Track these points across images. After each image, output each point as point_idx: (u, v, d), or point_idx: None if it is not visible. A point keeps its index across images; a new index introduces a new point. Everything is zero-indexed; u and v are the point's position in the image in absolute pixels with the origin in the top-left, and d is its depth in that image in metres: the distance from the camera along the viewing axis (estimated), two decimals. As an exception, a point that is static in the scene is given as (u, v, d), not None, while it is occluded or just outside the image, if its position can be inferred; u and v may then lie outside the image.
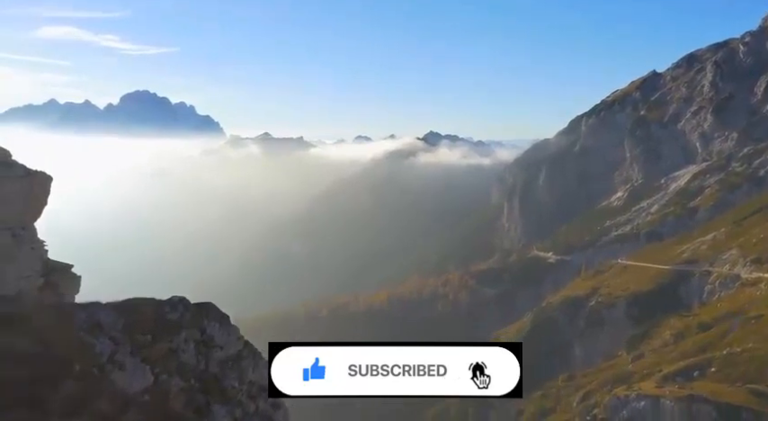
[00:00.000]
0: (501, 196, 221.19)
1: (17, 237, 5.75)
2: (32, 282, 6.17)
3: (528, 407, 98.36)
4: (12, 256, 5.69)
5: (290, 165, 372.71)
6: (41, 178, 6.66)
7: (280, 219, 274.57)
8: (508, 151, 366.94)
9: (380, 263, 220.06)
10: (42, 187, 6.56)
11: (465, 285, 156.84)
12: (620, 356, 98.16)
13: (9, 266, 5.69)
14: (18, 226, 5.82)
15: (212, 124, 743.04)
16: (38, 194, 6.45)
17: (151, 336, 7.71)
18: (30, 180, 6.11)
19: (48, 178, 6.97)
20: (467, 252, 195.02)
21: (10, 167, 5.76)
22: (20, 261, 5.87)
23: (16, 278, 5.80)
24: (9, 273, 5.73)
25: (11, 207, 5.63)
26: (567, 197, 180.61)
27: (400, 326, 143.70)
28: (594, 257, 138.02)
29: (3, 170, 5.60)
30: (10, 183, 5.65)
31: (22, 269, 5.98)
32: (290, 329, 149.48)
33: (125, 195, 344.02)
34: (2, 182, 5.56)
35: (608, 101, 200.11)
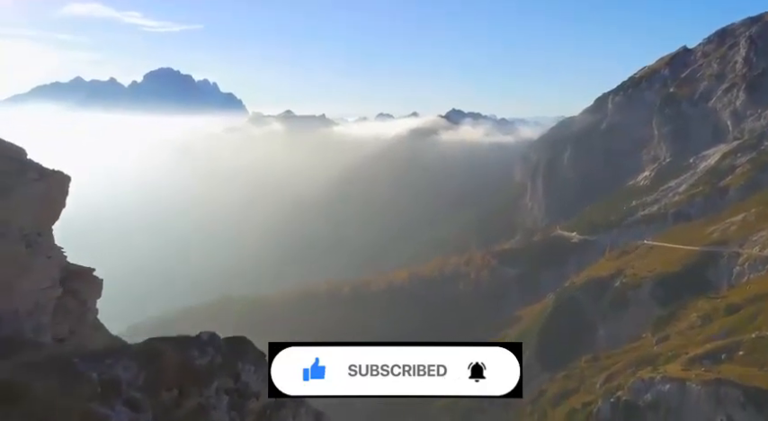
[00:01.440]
0: (524, 175, 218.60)
1: (33, 246, 5.13)
2: (50, 294, 5.58)
3: (550, 388, 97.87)
4: (27, 267, 5.08)
5: (312, 142, 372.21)
6: (58, 179, 5.91)
7: (301, 197, 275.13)
8: (532, 129, 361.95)
9: (402, 241, 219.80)
10: (60, 188, 5.84)
11: (487, 265, 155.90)
12: (645, 338, 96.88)
13: (24, 279, 5.08)
14: (34, 232, 5.19)
15: (235, 102, 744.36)
16: (55, 197, 5.74)
17: (178, 391, 6.64)
18: (46, 182, 5.42)
19: (65, 178, 6.20)
20: (489, 231, 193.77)
21: (24, 171, 5.09)
22: (36, 272, 5.26)
23: (32, 291, 5.20)
24: (24, 286, 5.14)
25: (25, 213, 5.00)
26: (593, 176, 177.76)
27: (421, 305, 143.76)
28: (620, 238, 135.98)
29: (16, 174, 4.95)
30: (24, 188, 4.99)
31: (38, 280, 5.36)
32: (311, 307, 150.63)
33: (149, 173, 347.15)
34: (15, 187, 4.92)
35: (636, 78, 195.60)
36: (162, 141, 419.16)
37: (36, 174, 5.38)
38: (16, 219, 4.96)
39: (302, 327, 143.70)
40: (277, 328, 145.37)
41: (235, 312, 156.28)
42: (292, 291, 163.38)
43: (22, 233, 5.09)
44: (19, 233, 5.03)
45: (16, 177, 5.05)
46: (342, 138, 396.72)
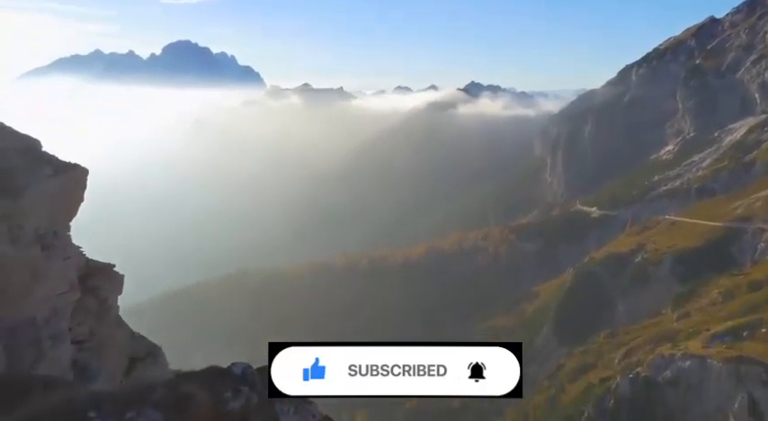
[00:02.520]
0: (544, 149, 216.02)
1: (49, 248, 4.75)
2: (68, 298, 5.24)
3: (568, 362, 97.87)
4: (43, 272, 4.70)
5: (329, 116, 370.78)
6: (76, 173, 5.44)
7: (319, 170, 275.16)
8: (552, 102, 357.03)
9: (420, 215, 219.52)
10: (77, 183, 5.40)
11: (505, 240, 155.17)
12: (665, 314, 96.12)
13: (40, 284, 4.72)
14: (50, 232, 4.81)
15: (253, 75, 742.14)
16: (72, 192, 5.30)
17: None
18: (62, 178, 4.98)
19: (83, 172, 5.72)
20: (508, 206, 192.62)
21: (38, 166, 4.68)
22: (52, 276, 4.88)
23: (49, 297, 4.85)
24: (41, 292, 4.78)
25: (40, 212, 4.61)
26: (614, 150, 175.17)
27: (439, 280, 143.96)
28: (641, 213, 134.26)
29: (29, 171, 4.55)
30: (38, 186, 4.58)
31: (55, 285, 4.99)
32: (328, 280, 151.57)
33: (166, 146, 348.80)
34: (29, 185, 4.52)
35: (661, 49, 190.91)
36: (179, 114, 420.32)
37: (51, 169, 4.99)
38: (30, 220, 4.62)
39: (319, 301, 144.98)
40: (294, 302, 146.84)
41: (252, 285, 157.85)
42: (309, 265, 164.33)
43: (37, 233, 4.75)
44: (33, 235, 4.68)
45: (30, 174, 4.68)
46: (359, 111, 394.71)
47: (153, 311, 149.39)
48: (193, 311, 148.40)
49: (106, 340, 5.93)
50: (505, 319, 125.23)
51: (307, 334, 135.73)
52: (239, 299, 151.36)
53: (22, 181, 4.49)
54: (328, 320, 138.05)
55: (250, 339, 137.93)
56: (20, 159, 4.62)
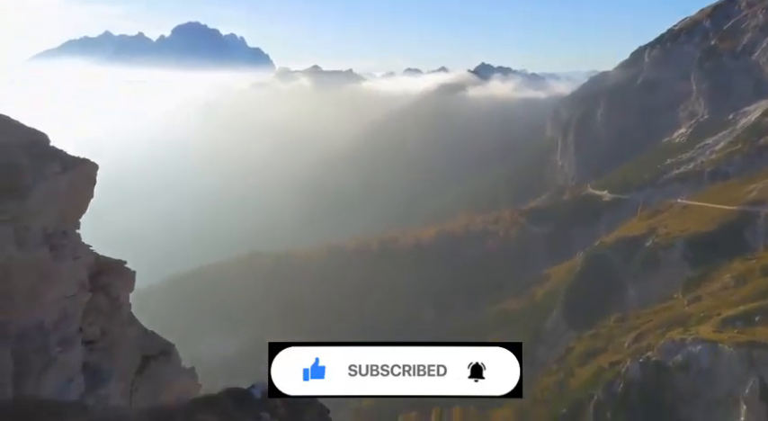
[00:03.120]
0: (555, 131, 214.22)
1: (57, 248, 4.57)
2: (78, 301, 5.06)
3: (578, 346, 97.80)
4: (52, 274, 4.51)
5: (339, 98, 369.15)
6: (85, 168, 5.21)
7: (329, 152, 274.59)
8: (564, 84, 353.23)
9: (430, 198, 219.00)
10: (87, 179, 5.17)
11: (516, 223, 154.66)
12: (677, 299, 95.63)
13: (49, 287, 4.54)
14: (59, 231, 4.62)
15: (262, 56, 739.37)
16: (81, 189, 5.09)
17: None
18: (71, 174, 4.77)
19: (92, 167, 5.49)
20: (518, 189, 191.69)
21: (45, 163, 4.47)
22: (62, 278, 4.69)
23: (58, 299, 4.68)
24: (49, 295, 4.60)
25: (48, 212, 4.42)
26: (626, 133, 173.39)
27: (449, 262, 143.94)
28: (653, 196, 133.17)
29: (37, 168, 4.34)
30: (46, 184, 4.39)
31: (64, 288, 4.82)
32: (339, 263, 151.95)
33: (177, 129, 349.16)
34: (36, 183, 4.32)
35: (675, 30, 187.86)
36: (189, 97, 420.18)
37: (59, 165, 4.79)
38: (38, 221, 4.44)
39: (329, 283, 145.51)
40: (304, 284, 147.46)
41: (262, 268, 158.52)
42: (319, 247, 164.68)
43: (46, 233, 4.58)
44: (42, 235, 4.51)
45: (37, 172, 4.49)
46: (369, 93, 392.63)
47: (164, 294, 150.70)
48: (204, 293, 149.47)
49: (118, 339, 5.80)
50: (515, 302, 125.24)
51: (316, 316, 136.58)
52: (250, 281, 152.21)
53: (29, 179, 4.31)
54: (338, 303, 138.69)
55: (260, 321, 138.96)
56: (26, 156, 4.44)
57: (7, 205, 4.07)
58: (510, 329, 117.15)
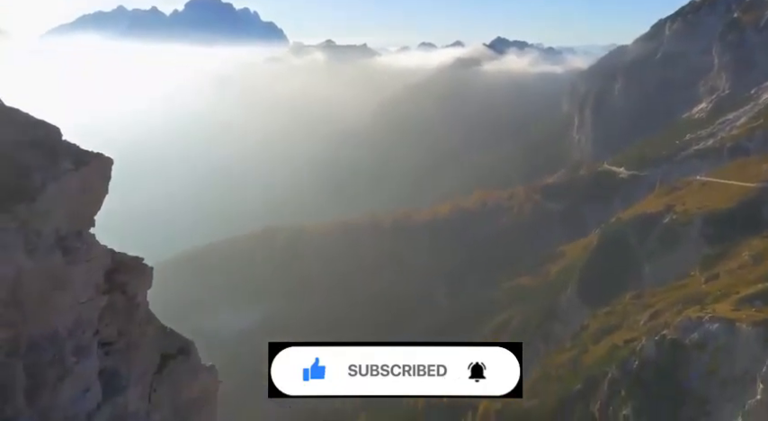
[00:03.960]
0: (572, 107, 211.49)
1: (71, 252, 4.31)
2: (93, 306, 4.84)
3: (592, 323, 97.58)
4: (65, 280, 4.26)
5: (353, 73, 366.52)
6: (100, 164, 4.88)
7: (343, 128, 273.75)
8: (581, 58, 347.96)
9: (444, 173, 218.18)
10: (101, 175, 4.85)
11: (530, 199, 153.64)
12: (693, 276, 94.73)
13: (62, 294, 4.30)
14: (72, 232, 4.36)
15: (276, 31, 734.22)
16: (95, 186, 4.78)
17: None
18: (84, 171, 4.47)
19: (107, 162, 5.14)
20: (533, 164, 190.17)
21: (56, 161, 4.19)
22: (76, 283, 4.44)
23: (72, 306, 4.44)
24: (63, 302, 4.35)
25: (59, 213, 4.16)
26: (645, 108, 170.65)
27: (463, 239, 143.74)
28: (671, 173, 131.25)
29: (47, 167, 4.07)
30: (57, 184, 4.12)
31: (78, 293, 4.57)
32: (352, 238, 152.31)
33: (190, 104, 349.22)
34: (47, 184, 4.04)
35: (697, 2, 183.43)
36: (203, 72, 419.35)
37: (71, 162, 4.50)
38: (49, 224, 4.19)
39: (342, 260, 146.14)
40: (318, 260, 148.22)
41: (276, 243, 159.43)
42: (333, 223, 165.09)
43: (58, 236, 4.33)
44: (53, 238, 4.26)
45: (47, 171, 4.22)
46: (383, 68, 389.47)
47: (179, 268, 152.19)
48: (218, 269, 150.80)
49: (136, 339, 5.59)
50: (529, 279, 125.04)
51: (330, 292, 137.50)
52: (263, 256, 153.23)
53: (39, 180, 4.05)
54: (352, 279, 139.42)
55: (274, 296, 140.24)
56: (36, 153, 4.18)
57: (16, 210, 3.83)
58: (523, 306, 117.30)
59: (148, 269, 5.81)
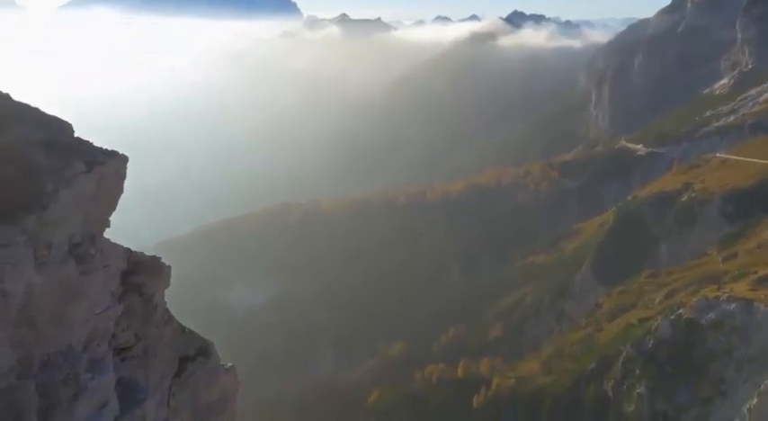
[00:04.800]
0: (589, 82, 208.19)
1: (84, 260, 4.02)
2: (110, 315, 4.56)
3: (606, 302, 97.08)
4: (79, 290, 3.98)
5: (367, 47, 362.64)
6: (115, 163, 4.52)
7: (357, 103, 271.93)
8: (600, 32, 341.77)
9: (458, 150, 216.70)
10: (117, 174, 4.50)
11: (546, 176, 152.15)
12: (711, 255, 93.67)
13: (76, 306, 4.03)
14: (85, 239, 4.07)
15: (289, 5, 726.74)
16: (110, 187, 4.44)
17: None
18: (99, 172, 4.16)
19: (122, 160, 4.75)
20: (549, 141, 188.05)
21: (68, 163, 3.89)
22: (91, 293, 4.15)
23: (86, 319, 4.17)
24: (77, 314, 4.07)
25: (72, 220, 3.87)
26: (665, 84, 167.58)
27: (478, 216, 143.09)
28: (690, 150, 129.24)
29: (59, 170, 3.77)
30: (70, 189, 3.82)
31: (93, 304, 4.28)
32: (367, 215, 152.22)
33: (205, 79, 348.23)
34: (58, 189, 3.74)
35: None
36: (217, 47, 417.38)
37: (84, 164, 4.21)
38: (61, 232, 3.94)
39: (356, 236, 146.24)
40: (332, 236, 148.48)
41: (291, 220, 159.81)
42: (348, 200, 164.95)
43: (71, 243, 4.08)
44: (66, 247, 4.02)
45: (59, 174, 3.96)
46: (398, 42, 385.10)
47: (195, 244, 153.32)
48: (233, 244, 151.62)
49: (153, 343, 5.38)
50: (544, 257, 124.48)
51: (343, 269, 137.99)
52: (278, 232, 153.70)
53: (50, 185, 3.80)
54: (365, 256, 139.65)
55: (288, 271, 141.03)
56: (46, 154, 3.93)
57: (25, 222, 3.59)
58: (537, 284, 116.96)
59: (166, 268, 5.56)
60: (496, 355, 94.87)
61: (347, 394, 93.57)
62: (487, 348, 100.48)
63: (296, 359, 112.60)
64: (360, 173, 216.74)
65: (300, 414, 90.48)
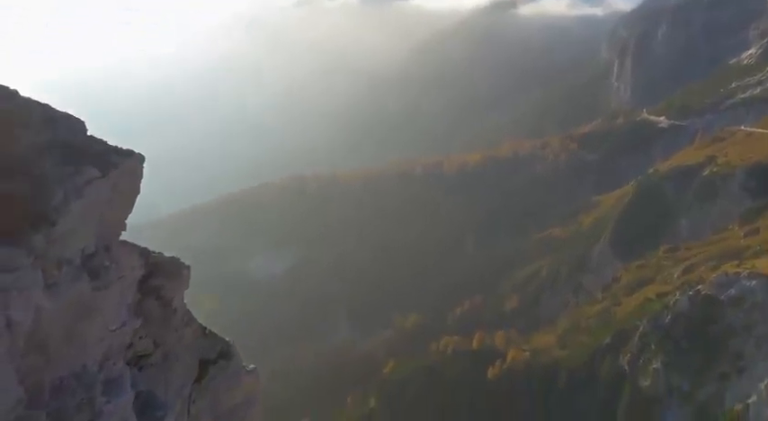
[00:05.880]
0: (611, 52, 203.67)
1: (98, 274, 3.68)
2: (126, 331, 4.22)
3: (624, 276, 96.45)
4: (93, 309, 3.67)
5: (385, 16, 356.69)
6: (131, 164, 4.13)
7: (375, 72, 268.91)
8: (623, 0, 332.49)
9: (476, 121, 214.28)
10: (133, 176, 4.12)
11: (565, 148, 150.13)
12: (732, 230, 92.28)
13: (90, 323, 3.70)
14: (99, 249, 3.75)
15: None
16: (126, 191, 4.09)
17: None
18: (113, 176, 3.79)
19: (139, 160, 4.31)
20: (569, 113, 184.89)
21: (79, 169, 3.54)
22: (105, 310, 3.82)
23: (100, 339, 3.84)
24: (90, 335, 3.73)
25: (84, 232, 3.54)
26: (689, 54, 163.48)
27: (494, 188, 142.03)
28: (714, 123, 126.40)
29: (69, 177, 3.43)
30: (81, 200, 3.47)
31: (108, 320, 3.95)
32: (382, 186, 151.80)
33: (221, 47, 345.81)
34: (69, 200, 3.39)
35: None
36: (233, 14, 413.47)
37: (97, 168, 3.84)
38: (72, 246, 3.63)
39: (372, 207, 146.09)
40: (348, 207, 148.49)
41: (308, 190, 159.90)
42: (363, 171, 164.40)
43: (84, 255, 3.77)
44: (78, 261, 3.71)
45: (69, 183, 3.62)
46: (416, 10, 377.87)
47: (211, 214, 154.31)
48: (250, 215, 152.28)
49: (173, 348, 5.12)
50: (561, 230, 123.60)
51: (359, 240, 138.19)
52: (294, 203, 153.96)
53: (59, 196, 3.47)
54: (381, 227, 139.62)
55: (305, 242, 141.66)
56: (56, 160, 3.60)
57: (31, 241, 3.27)
58: (554, 257, 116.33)
59: (185, 269, 5.25)
60: (512, 328, 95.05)
61: (362, 365, 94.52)
62: (503, 320, 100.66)
63: (310, 330, 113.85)
64: (376, 143, 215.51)
65: (315, 384, 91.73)
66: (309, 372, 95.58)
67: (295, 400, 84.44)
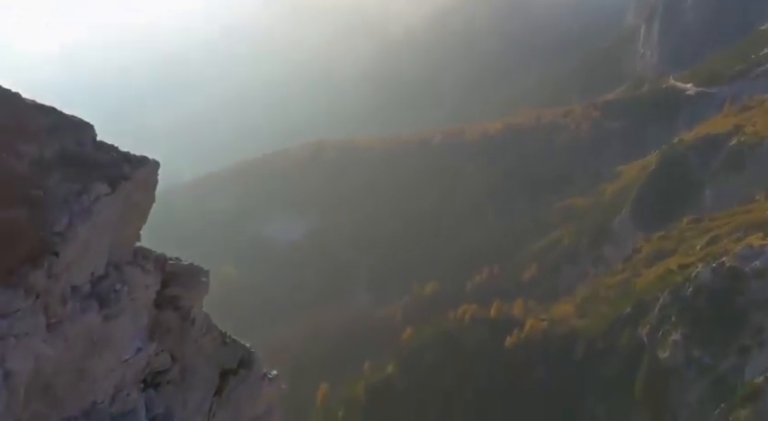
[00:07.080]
0: (638, 16, 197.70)
1: (108, 303, 3.32)
2: (140, 359, 3.89)
3: (645, 247, 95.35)
4: (103, 341, 3.32)
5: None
6: (144, 174, 3.75)
7: (394, 38, 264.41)
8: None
9: (497, 88, 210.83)
10: (146, 184, 3.75)
11: (588, 116, 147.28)
12: (758, 201, 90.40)
13: (100, 360, 3.34)
14: (110, 269, 3.40)
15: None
16: (140, 203, 3.72)
17: None
18: (124, 191, 3.41)
19: (153, 168, 3.89)
20: (593, 79, 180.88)
21: (87, 185, 3.16)
22: (117, 337, 3.47)
23: (110, 371, 3.48)
24: (100, 370, 3.39)
25: (92, 254, 3.18)
26: (719, 18, 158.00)
27: (516, 156, 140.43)
28: (743, 90, 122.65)
29: (77, 195, 3.08)
30: (88, 222, 3.07)
31: (120, 351, 3.59)
32: (402, 155, 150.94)
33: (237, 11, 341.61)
34: (75, 222, 3.03)
35: None
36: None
37: (106, 184, 3.46)
38: (79, 273, 3.30)
39: (392, 175, 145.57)
40: (367, 174, 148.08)
41: (326, 157, 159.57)
42: (383, 138, 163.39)
43: (92, 279, 3.45)
44: (86, 288, 3.39)
45: (75, 204, 3.26)
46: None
47: (231, 179, 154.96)
48: (268, 180, 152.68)
49: (192, 361, 4.85)
50: (583, 200, 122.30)
51: (377, 207, 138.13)
52: (312, 170, 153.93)
53: (63, 221, 3.12)
54: (399, 195, 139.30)
55: (323, 208, 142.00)
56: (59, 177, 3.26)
57: (31, 279, 2.84)
58: (575, 226, 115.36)
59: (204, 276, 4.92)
60: (530, 297, 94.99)
61: (379, 331, 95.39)
62: (521, 289, 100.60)
63: (328, 296, 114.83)
64: (394, 110, 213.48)
65: (332, 350, 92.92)
66: (327, 339, 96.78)
67: (312, 366, 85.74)
